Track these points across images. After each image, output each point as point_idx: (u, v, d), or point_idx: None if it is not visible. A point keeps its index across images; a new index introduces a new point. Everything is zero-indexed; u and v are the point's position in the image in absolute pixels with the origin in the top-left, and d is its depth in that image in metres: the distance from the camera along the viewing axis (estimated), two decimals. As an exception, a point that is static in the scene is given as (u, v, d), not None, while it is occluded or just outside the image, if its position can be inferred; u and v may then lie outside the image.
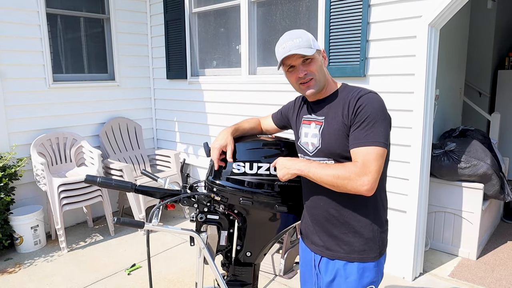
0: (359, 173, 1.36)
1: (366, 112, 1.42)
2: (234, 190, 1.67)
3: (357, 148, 1.41)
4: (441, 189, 3.53)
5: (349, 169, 1.38)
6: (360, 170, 1.37)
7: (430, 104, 2.97)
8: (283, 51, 1.48)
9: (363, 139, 1.40)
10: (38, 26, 3.98)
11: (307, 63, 1.50)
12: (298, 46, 1.46)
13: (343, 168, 1.40)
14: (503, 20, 5.29)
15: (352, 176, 1.37)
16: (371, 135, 1.40)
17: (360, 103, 1.44)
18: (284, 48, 1.48)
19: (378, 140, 1.40)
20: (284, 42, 1.50)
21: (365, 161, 1.37)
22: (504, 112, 5.23)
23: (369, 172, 1.37)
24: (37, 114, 4.07)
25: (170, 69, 4.82)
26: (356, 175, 1.37)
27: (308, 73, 1.50)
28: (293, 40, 1.48)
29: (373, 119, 1.41)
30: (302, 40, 1.47)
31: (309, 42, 1.48)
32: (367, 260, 1.53)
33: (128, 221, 1.47)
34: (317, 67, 1.51)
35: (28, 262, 3.57)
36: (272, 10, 3.84)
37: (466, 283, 3.09)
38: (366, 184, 1.36)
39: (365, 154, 1.38)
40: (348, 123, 1.45)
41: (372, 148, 1.39)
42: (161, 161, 4.77)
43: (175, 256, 3.63)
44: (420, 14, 2.81)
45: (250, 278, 1.86)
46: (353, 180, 1.37)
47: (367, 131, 1.40)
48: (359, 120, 1.42)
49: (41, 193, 4.04)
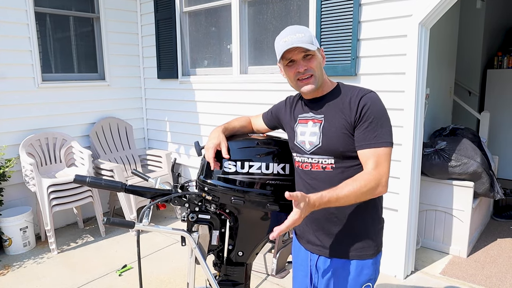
0: (377, 181, 1.39)
1: (372, 112, 1.43)
2: (225, 189, 1.66)
3: (368, 149, 1.42)
4: (432, 188, 3.55)
5: (368, 180, 1.38)
6: (377, 177, 1.39)
7: (420, 103, 2.99)
8: (285, 44, 1.45)
9: (373, 140, 1.42)
10: (27, 25, 3.93)
11: (307, 59, 1.48)
12: (301, 41, 1.44)
13: (363, 182, 1.37)
14: (492, 20, 5.35)
15: (373, 185, 1.38)
16: (380, 135, 1.42)
17: (364, 102, 1.44)
18: (286, 41, 1.46)
19: (387, 140, 1.43)
20: (286, 36, 1.47)
21: (379, 164, 1.40)
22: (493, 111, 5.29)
23: (384, 173, 1.40)
24: (26, 114, 4.01)
25: (161, 68, 4.79)
26: (374, 184, 1.39)
27: (308, 68, 1.48)
28: (295, 34, 1.46)
29: (380, 119, 1.43)
30: (305, 35, 1.46)
31: (311, 39, 1.47)
32: (365, 257, 1.53)
33: (118, 221, 1.45)
34: (317, 64, 1.50)
35: (17, 264, 3.52)
36: (263, 9, 3.83)
37: (457, 280, 3.12)
38: (384, 185, 1.41)
39: (377, 157, 1.41)
40: (351, 122, 1.45)
41: (383, 149, 1.41)
42: (152, 161, 4.74)
43: (166, 257, 3.60)
44: (411, 13, 2.82)
45: (242, 277, 1.85)
46: (374, 189, 1.39)
47: (376, 131, 1.42)
48: (366, 120, 1.43)
49: (30, 194, 3.99)
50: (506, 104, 5.41)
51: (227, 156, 1.64)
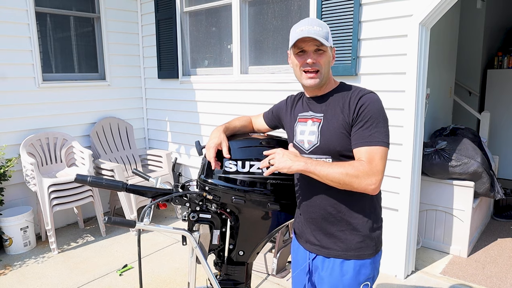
0: (368, 173, 1.37)
1: (369, 111, 1.43)
2: (226, 188, 1.66)
3: (363, 147, 1.41)
4: (432, 187, 3.55)
5: (357, 167, 1.38)
6: (369, 169, 1.37)
7: (421, 103, 2.99)
8: (301, 33, 1.45)
9: (368, 139, 1.41)
10: (27, 24, 3.93)
11: (318, 53, 1.49)
12: (317, 33, 1.44)
13: (351, 166, 1.39)
14: (492, 20, 5.35)
15: (360, 174, 1.37)
16: (376, 134, 1.41)
17: (362, 102, 1.44)
18: (302, 31, 1.46)
19: (382, 140, 1.41)
20: (303, 26, 1.48)
21: (372, 160, 1.38)
22: (493, 111, 5.29)
23: (376, 172, 1.38)
24: (26, 114, 4.02)
25: (161, 68, 4.79)
26: (364, 174, 1.37)
27: (316, 63, 1.49)
28: (313, 26, 1.46)
29: (376, 119, 1.43)
30: (322, 30, 1.47)
31: (327, 35, 1.48)
32: (364, 257, 1.53)
33: (119, 220, 1.45)
34: (326, 61, 1.50)
35: (17, 264, 3.52)
36: (263, 9, 3.83)
37: (457, 280, 3.12)
38: (374, 183, 1.38)
39: (371, 154, 1.39)
40: (349, 121, 1.45)
41: (377, 148, 1.40)
42: (152, 161, 4.74)
43: (166, 257, 3.61)
44: (411, 13, 2.83)
45: (243, 277, 1.86)
46: (361, 179, 1.37)
47: (371, 130, 1.41)
48: (362, 119, 1.43)
49: (31, 193, 3.99)
50: (506, 104, 5.42)
51: (228, 156, 1.65)
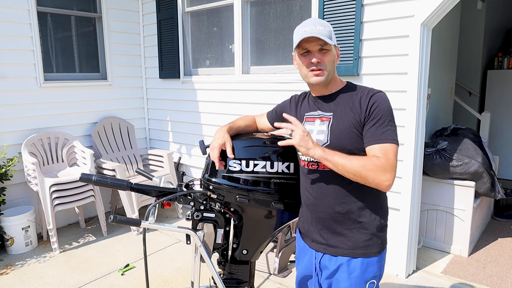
0: (384, 168, 1.38)
1: (381, 110, 1.45)
2: (230, 188, 1.67)
3: (376, 144, 1.43)
4: (434, 187, 3.56)
5: (374, 162, 1.39)
6: (385, 165, 1.39)
7: (422, 103, 3.00)
8: (304, 33, 1.47)
9: (381, 136, 1.43)
10: (29, 24, 3.94)
11: (323, 52, 1.50)
12: (320, 33, 1.46)
13: (369, 160, 1.40)
14: (492, 21, 5.37)
15: (377, 169, 1.38)
16: (388, 132, 1.43)
17: (374, 100, 1.47)
18: (306, 31, 1.47)
19: (394, 138, 1.44)
20: (306, 26, 1.49)
21: (387, 157, 1.40)
22: (493, 111, 5.30)
23: (391, 168, 1.40)
24: (28, 114, 4.02)
25: (163, 68, 4.80)
26: (381, 169, 1.38)
27: (321, 62, 1.50)
28: (316, 26, 1.48)
29: (387, 117, 1.45)
30: (325, 29, 1.48)
31: (330, 34, 1.50)
32: (371, 255, 1.54)
33: (124, 219, 1.46)
34: (330, 60, 1.52)
35: (19, 264, 3.52)
36: (265, 10, 3.84)
37: (458, 279, 3.13)
38: (389, 179, 1.39)
39: (386, 151, 1.41)
40: (360, 120, 1.47)
41: (390, 146, 1.42)
42: (154, 160, 4.74)
43: (168, 256, 3.61)
44: (413, 13, 2.84)
45: (246, 276, 1.86)
46: (377, 173, 1.38)
47: (384, 128, 1.43)
48: (374, 118, 1.45)
49: (33, 193, 4.00)
50: (507, 105, 5.43)
51: (232, 156, 1.65)
